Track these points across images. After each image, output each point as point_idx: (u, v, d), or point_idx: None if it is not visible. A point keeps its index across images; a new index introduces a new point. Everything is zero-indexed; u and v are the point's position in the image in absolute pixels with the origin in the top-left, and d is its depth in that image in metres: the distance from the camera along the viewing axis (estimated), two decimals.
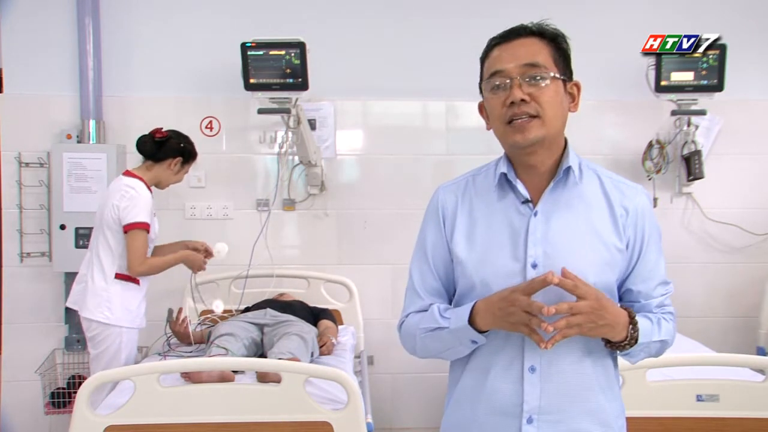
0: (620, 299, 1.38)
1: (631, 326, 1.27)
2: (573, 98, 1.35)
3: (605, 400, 1.31)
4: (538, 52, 1.29)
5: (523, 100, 1.25)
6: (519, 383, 1.28)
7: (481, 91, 1.36)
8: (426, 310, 1.38)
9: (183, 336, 2.92)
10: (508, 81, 1.27)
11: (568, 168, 1.32)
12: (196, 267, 2.97)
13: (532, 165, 1.33)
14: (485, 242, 1.33)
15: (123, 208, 2.74)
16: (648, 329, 1.30)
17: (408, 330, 1.40)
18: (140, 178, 2.84)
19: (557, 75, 1.29)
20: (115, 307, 2.75)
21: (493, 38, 1.34)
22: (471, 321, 1.27)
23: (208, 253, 2.99)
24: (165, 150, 2.87)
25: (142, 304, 2.86)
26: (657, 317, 1.34)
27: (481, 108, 1.38)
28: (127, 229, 2.74)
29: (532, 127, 1.26)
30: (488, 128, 1.37)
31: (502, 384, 1.30)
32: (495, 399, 1.30)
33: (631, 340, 1.28)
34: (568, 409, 1.28)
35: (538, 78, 1.27)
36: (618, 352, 1.31)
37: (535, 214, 1.31)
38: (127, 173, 2.88)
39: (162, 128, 2.90)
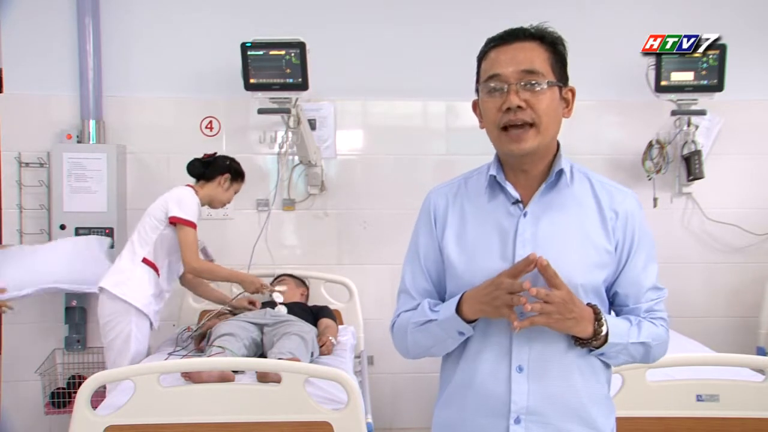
0: (610, 303, 1.37)
1: (596, 322, 1.26)
2: (567, 104, 1.35)
3: (591, 403, 1.31)
4: (536, 57, 1.28)
5: (519, 106, 1.25)
6: (507, 383, 1.29)
7: (477, 91, 1.36)
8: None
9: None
10: (504, 86, 1.27)
11: (560, 171, 1.33)
12: (250, 289, 3.02)
13: (524, 169, 1.34)
14: (475, 243, 1.34)
15: (172, 204, 2.88)
16: (623, 330, 1.29)
17: (400, 327, 1.41)
18: (196, 192, 2.98)
19: (554, 81, 1.29)
20: (133, 285, 2.84)
21: (492, 39, 1.33)
22: (458, 310, 1.28)
23: (263, 287, 3.02)
24: (213, 168, 3.03)
25: (160, 299, 2.94)
26: (638, 319, 1.33)
27: (475, 106, 1.38)
28: (175, 221, 2.86)
29: (528, 138, 1.27)
30: (481, 127, 1.37)
31: (490, 384, 1.30)
32: (483, 399, 1.31)
33: (599, 336, 1.27)
34: (554, 410, 1.28)
35: (535, 84, 1.26)
36: (591, 350, 1.30)
37: (525, 215, 1.32)
38: (188, 185, 3.01)
39: (208, 153, 3.08)
